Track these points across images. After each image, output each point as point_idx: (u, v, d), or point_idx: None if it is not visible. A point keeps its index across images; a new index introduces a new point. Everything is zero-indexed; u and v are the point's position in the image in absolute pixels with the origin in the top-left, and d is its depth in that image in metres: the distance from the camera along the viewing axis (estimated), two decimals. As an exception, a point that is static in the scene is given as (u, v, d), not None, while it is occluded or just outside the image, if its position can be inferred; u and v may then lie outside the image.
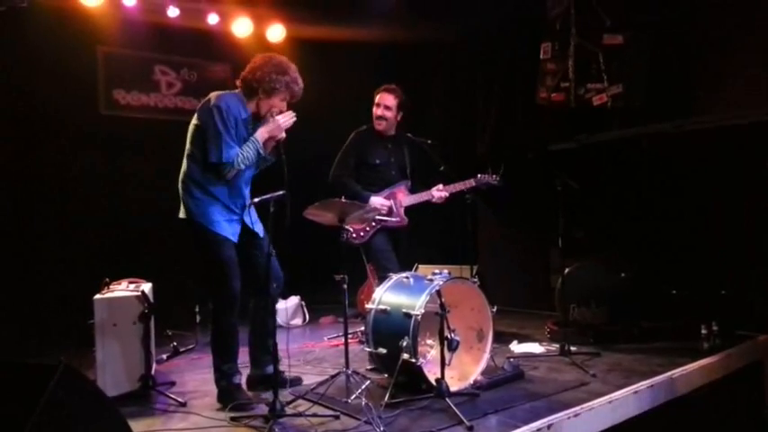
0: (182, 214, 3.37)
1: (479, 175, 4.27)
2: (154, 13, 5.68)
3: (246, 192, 3.47)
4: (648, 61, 5.12)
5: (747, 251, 4.60)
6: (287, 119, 3.36)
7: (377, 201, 4.23)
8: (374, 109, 4.32)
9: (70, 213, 5.49)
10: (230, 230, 3.35)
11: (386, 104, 4.27)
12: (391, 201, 4.30)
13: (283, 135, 3.37)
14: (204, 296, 3.69)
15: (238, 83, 3.44)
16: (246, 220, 3.43)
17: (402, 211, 4.33)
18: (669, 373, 3.61)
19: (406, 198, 4.35)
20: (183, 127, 3.46)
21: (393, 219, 4.26)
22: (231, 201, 3.36)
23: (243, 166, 3.29)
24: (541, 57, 5.49)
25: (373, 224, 4.23)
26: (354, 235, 4.23)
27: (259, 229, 3.49)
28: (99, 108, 5.80)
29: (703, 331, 4.20)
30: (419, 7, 5.74)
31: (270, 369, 3.47)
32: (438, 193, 4.26)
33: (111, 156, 5.73)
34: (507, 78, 6.12)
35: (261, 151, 3.32)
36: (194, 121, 3.35)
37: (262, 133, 3.34)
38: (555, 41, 5.41)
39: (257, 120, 3.43)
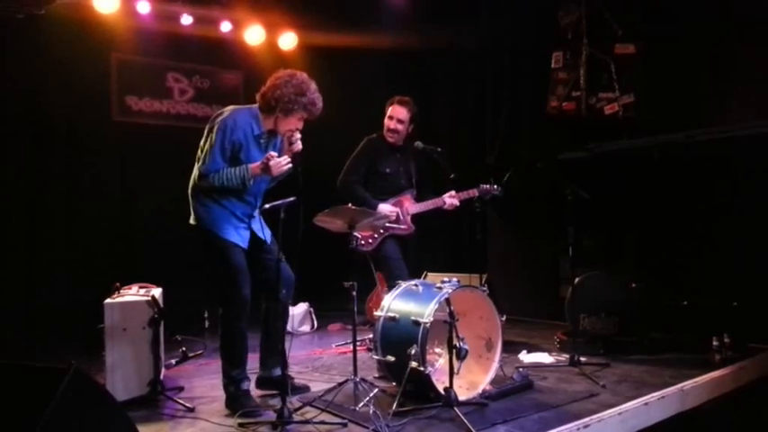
0: (192, 220, 3.41)
1: (481, 186, 4.32)
2: (167, 20, 5.75)
3: (257, 204, 3.48)
4: (659, 71, 5.11)
5: (760, 262, 4.55)
6: (285, 162, 3.25)
7: (385, 208, 4.23)
8: (386, 121, 4.31)
9: (81, 218, 5.53)
10: (239, 237, 3.37)
11: (399, 118, 4.26)
12: (398, 208, 4.31)
13: (300, 146, 3.34)
14: (213, 302, 3.71)
15: (258, 98, 3.41)
16: (254, 227, 3.45)
17: (409, 218, 4.33)
18: (680, 385, 3.57)
19: (412, 206, 4.35)
20: (194, 133, 3.50)
21: (400, 226, 4.26)
22: (239, 209, 3.38)
23: (217, 184, 3.25)
24: (553, 66, 5.49)
25: (381, 231, 4.24)
26: (363, 242, 4.23)
27: (267, 235, 3.51)
28: (112, 114, 5.86)
29: (715, 343, 4.15)
30: (429, 15, 5.76)
31: (276, 372, 3.48)
32: (450, 199, 4.26)
33: (122, 161, 5.78)
34: (517, 87, 6.12)
35: (246, 182, 3.25)
36: (207, 129, 3.39)
37: (256, 168, 3.25)
38: (566, 51, 5.42)
39: (273, 135, 3.45)
